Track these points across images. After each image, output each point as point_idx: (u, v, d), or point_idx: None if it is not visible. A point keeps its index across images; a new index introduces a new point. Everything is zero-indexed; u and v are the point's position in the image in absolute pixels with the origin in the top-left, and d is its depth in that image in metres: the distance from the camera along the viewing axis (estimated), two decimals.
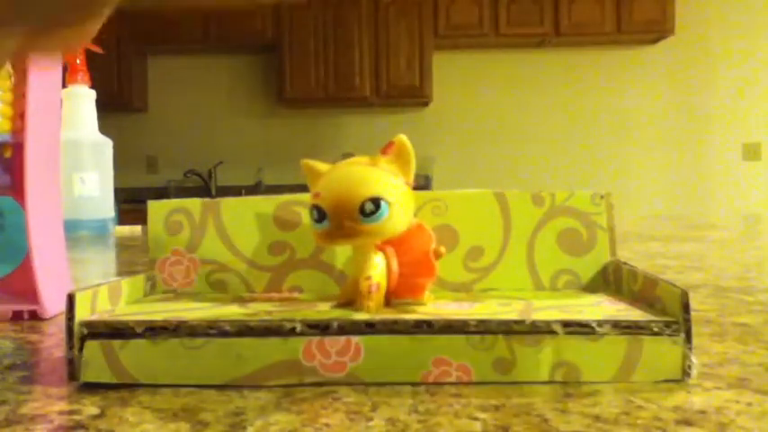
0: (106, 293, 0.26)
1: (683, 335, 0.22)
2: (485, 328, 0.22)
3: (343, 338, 0.22)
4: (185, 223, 0.31)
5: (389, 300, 0.26)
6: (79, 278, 0.51)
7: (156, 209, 0.32)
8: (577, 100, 3.54)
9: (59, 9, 0.13)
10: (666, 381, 0.22)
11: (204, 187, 3.44)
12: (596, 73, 3.52)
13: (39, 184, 0.35)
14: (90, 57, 0.99)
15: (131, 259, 0.68)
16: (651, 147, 3.54)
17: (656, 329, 0.22)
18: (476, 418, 0.19)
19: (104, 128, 1.00)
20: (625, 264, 0.28)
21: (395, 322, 0.23)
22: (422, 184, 3.26)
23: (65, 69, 0.95)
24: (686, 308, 0.22)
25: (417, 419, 0.19)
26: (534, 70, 3.52)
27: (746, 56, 3.49)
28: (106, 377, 0.23)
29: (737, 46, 3.48)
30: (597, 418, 0.19)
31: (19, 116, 0.35)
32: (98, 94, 0.99)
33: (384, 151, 0.26)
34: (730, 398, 0.20)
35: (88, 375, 0.23)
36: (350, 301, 0.26)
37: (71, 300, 0.23)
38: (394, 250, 0.26)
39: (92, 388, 0.22)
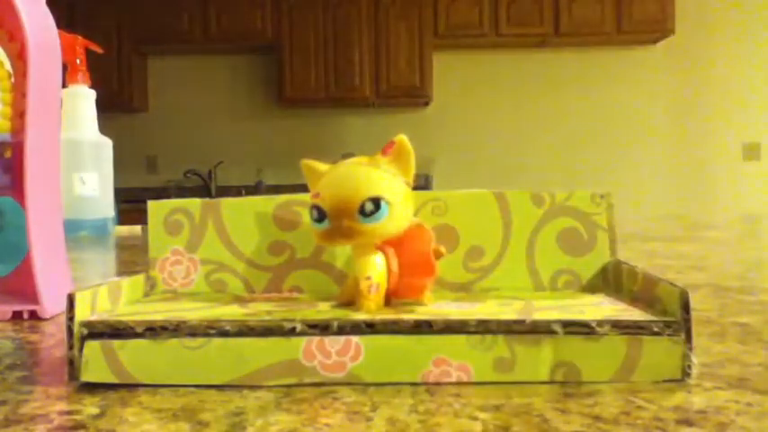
0: (106, 293, 0.26)
1: (683, 335, 0.22)
2: (485, 328, 0.22)
3: (343, 338, 0.22)
4: (185, 223, 0.31)
5: (389, 300, 0.26)
6: (79, 278, 0.51)
7: (156, 209, 0.32)
8: (577, 100, 3.54)
9: None
10: (666, 381, 0.22)
11: (204, 187, 3.44)
12: (596, 73, 3.52)
13: (39, 184, 0.35)
14: (90, 57, 0.99)
15: (131, 259, 0.68)
16: (651, 147, 3.54)
17: (656, 329, 0.22)
18: (476, 418, 0.19)
19: (104, 128, 1.00)
20: (625, 264, 0.28)
21: (395, 322, 0.23)
22: (422, 184, 3.26)
23: (65, 69, 0.95)
24: (686, 308, 0.22)
25: (417, 419, 0.19)
26: (534, 70, 3.52)
27: (747, 56, 3.49)
28: (106, 377, 0.23)
29: (737, 46, 3.48)
30: (597, 418, 0.19)
31: (19, 116, 0.35)
32: (98, 94, 0.99)
33: (384, 151, 0.26)
34: (730, 398, 0.20)
35: (88, 375, 0.23)
36: (350, 301, 0.26)
37: (71, 300, 0.23)
38: (394, 250, 0.26)
39: (92, 388, 0.22)
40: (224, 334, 0.23)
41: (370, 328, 0.23)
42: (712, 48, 3.48)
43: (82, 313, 0.23)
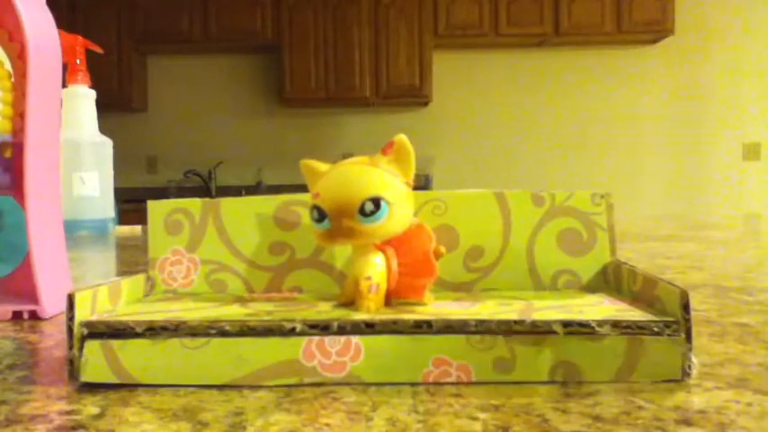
0: (106, 293, 0.26)
1: (683, 335, 0.22)
2: (485, 328, 0.22)
3: (343, 338, 0.22)
4: (185, 223, 0.31)
5: (389, 300, 0.26)
6: (79, 278, 0.51)
7: (156, 209, 0.32)
8: (577, 100, 3.54)
9: None
10: (666, 381, 0.22)
11: (204, 187, 3.44)
12: (596, 73, 3.52)
13: (39, 184, 0.35)
14: (90, 57, 0.99)
15: (131, 259, 0.68)
16: (651, 147, 3.54)
17: (656, 329, 0.22)
18: (476, 418, 0.19)
19: (104, 128, 0.99)
20: (625, 264, 0.28)
21: (395, 322, 0.23)
22: (422, 184, 3.26)
23: (65, 69, 0.95)
24: (686, 308, 0.22)
25: (417, 419, 0.19)
26: (534, 70, 3.52)
27: (746, 56, 3.49)
28: (106, 377, 0.23)
29: (737, 46, 3.48)
30: (597, 418, 0.19)
31: (19, 116, 0.35)
32: (98, 94, 0.99)
33: (384, 151, 0.26)
34: (730, 398, 0.20)
35: (88, 375, 0.23)
36: (350, 301, 0.26)
37: (71, 300, 0.23)
38: (394, 250, 0.26)
39: (92, 388, 0.22)
40: (224, 334, 0.23)
41: (370, 328, 0.23)
42: (712, 48, 3.48)
43: (82, 313, 0.23)
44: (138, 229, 1.11)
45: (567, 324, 0.22)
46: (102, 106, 1.03)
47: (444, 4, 3.24)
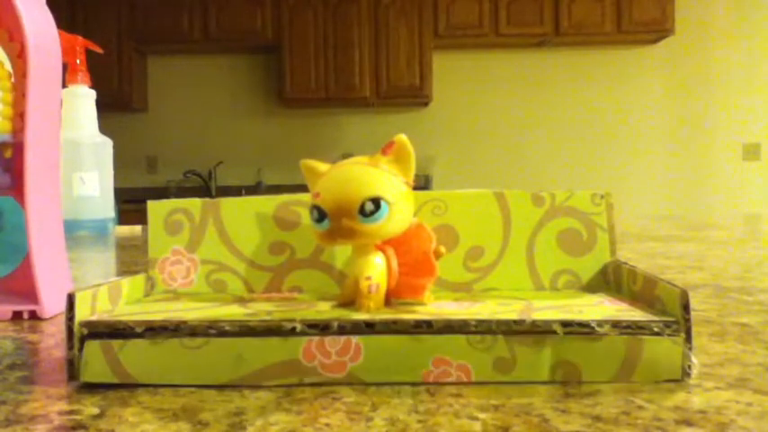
0: (106, 293, 0.26)
1: (683, 335, 0.22)
2: (485, 328, 0.22)
3: (343, 338, 0.22)
4: (185, 223, 0.31)
5: (389, 300, 0.26)
6: (79, 278, 0.51)
7: (156, 209, 0.32)
8: (577, 100, 3.54)
9: None
10: (666, 381, 0.22)
11: (204, 187, 3.44)
12: (596, 73, 3.52)
13: (39, 184, 0.35)
14: (90, 57, 0.99)
15: (131, 259, 0.68)
16: (651, 146, 3.54)
17: (656, 329, 0.22)
18: (476, 418, 0.19)
19: (104, 128, 0.99)
20: (625, 264, 0.28)
21: (395, 322, 0.23)
22: (422, 184, 3.26)
23: (65, 69, 0.95)
24: (686, 308, 0.22)
25: (417, 419, 0.19)
26: (534, 70, 3.52)
27: (746, 56, 3.49)
28: (106, 377, 0.23)
29: (737, 46, 3.48)
30: (597, 418, 0.19)
31: (19, 116, 0.35)
32: (98, 94, 0.99)
33: (384, 151, 0.26)
34: (730, 398, 0.20)
35: (88, 375, 0.23)
36: (350, 301, 0.26)
37: (71, 300, 0.23)
38: (394, 250, 0.26)
39: (92, 388, 0.22)
40: (224, 334, 0.23)
41: (370, 328, 0.23)
42: (712, 48, 3.48)
43: (82, 313, 0.23)
44: (138, 229, 1.11)
45: (566, 324, 0.22)
46: (102, 106, 1.03)
47: (444, 4, 3.24)
